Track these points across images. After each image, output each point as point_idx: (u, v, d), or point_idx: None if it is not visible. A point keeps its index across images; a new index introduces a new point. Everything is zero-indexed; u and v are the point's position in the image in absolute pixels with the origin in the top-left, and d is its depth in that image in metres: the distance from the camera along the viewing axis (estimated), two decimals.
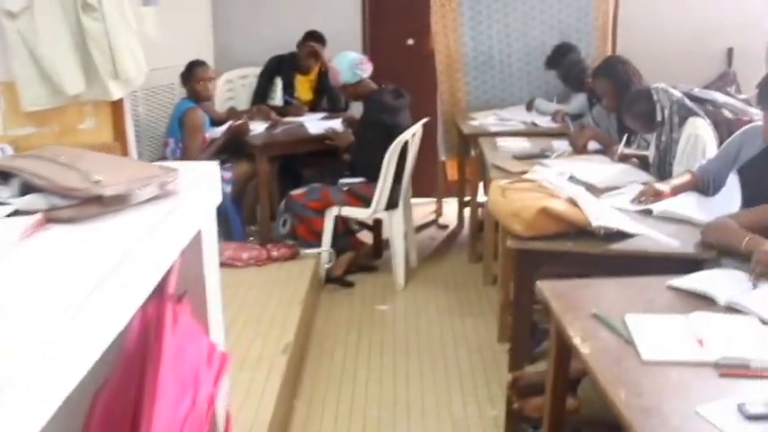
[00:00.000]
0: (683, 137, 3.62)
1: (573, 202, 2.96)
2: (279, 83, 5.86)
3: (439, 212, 6.31)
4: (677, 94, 3.74)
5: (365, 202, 4.79)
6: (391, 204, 4.82)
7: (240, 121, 5.28)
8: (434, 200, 6.43)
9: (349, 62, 4.80)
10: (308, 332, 4.26)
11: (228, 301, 2.46)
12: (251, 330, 3.79)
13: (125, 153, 4.58)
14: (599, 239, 2.86)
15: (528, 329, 3.24)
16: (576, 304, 2.25)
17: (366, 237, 5.45)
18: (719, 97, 4.12)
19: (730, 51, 6.46)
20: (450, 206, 6.29)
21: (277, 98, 5.86)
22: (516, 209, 2.93)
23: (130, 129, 4.59)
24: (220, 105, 5.95)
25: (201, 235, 1.84)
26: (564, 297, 2.30)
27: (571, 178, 3.71)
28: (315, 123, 5.32)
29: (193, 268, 1.80)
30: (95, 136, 4.54)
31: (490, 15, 5.91)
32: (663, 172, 3.70)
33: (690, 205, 3.14)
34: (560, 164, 4.06)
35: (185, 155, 4.92)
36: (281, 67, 5.84)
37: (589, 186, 3.50)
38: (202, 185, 1.81)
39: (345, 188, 4.82)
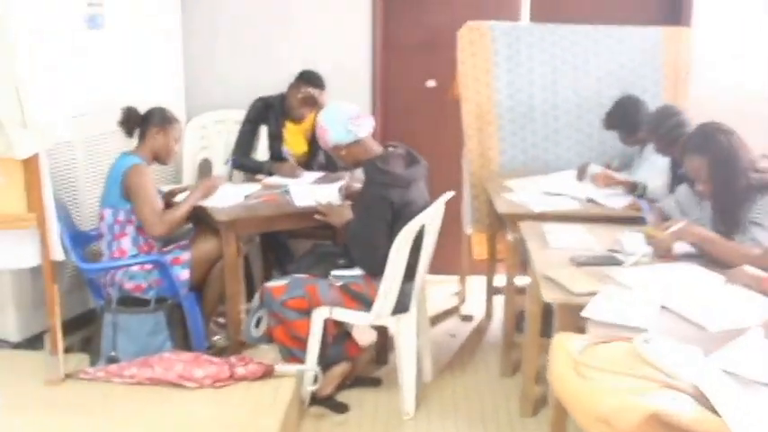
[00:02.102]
0: None
1: (701, 399, 1.72)
2: (264, 132, 4.63)
3: (462, 298, 5.06)
4: None
5: (365, 303, 3.58)
6: (400, 308, 3.58)
7: (214, 176, 4.09)
8: (456, 278, 5.17)
9: (339, 117, 3.59)
10: None
11: None
12: None
13: (42, 228, 3.37)
14: None
15: None
16: None
17: (364, 331, 4.19)
18: None
19: None
20: (475, 287, 5.05)
21: (261, 151, 4.63)
22: (605, 413, 1.71)
23: (48, 196, 3.38)
24: (192, 157, 4.73)
25: None
26: None
27: (664, 310, 2.50)
28: (302, 191, 4.08)
29: None
30: (2, 204, 3.35)
31: (532, 56, 4.71)
32: None
33: None
34: (640, 278, 2.83)
35: (145, 225, 3.74)
36: (267, 113, 4.61)
37: (699, 329, 2.29)
38: None
39: (339, 283, 3.60)
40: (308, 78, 4.52)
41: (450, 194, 3.72)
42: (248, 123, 4.63)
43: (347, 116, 3.59)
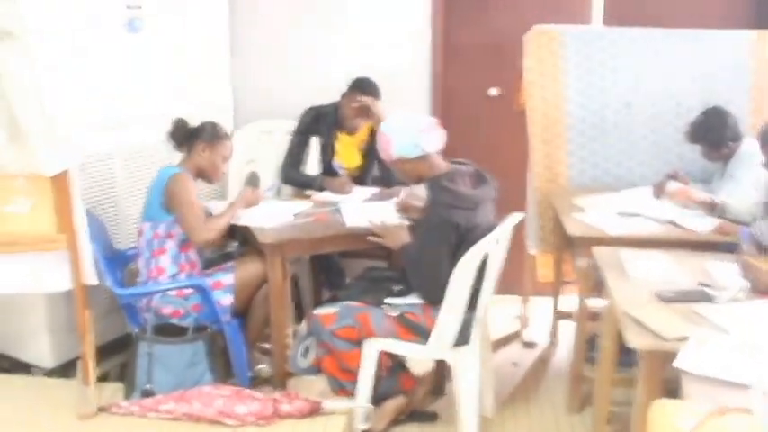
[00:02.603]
0: None
1: None
2: (316, 144, 4.33)
3: (524, 322, 4.70)
4: None
5: (421, 334, 3.25)
6: (460, 340, 3.25)
7: (256, 189, 3.82)
8: (517, 298, 4.81)
9: (407, 127, 3.26)
10: None
11: None
12: None
13: (73, 250, 3.11)
14: None
15: None
16: None
17: (420, 359, 3.84)
18: None
19: None
20: (539, 311, 4.70)
21: (311, 164, 4.33)
22: None
23: (80, 216, 3.12)
24: (238, 170, 4.45)
25: None
26: None
27: None
28: (355, 210, 3.76)
29: None
30: (30, 224, 3.08)
31: (605, 62, 4.34)
32: None
33: None
34: (738, 319, 2.47)
35: (189, 231, 3.48)
36: (319, 124, 4.31)
37: None
38: None
39: (394, 312, 3.28)
40: (363, 86, 4.20)
41: (518, 216, 3.38)
42: (298, 134, 4.33)
43: (416, 128, 3.26)
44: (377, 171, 4.44)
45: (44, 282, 3.26)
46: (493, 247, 3.18)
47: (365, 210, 3.74)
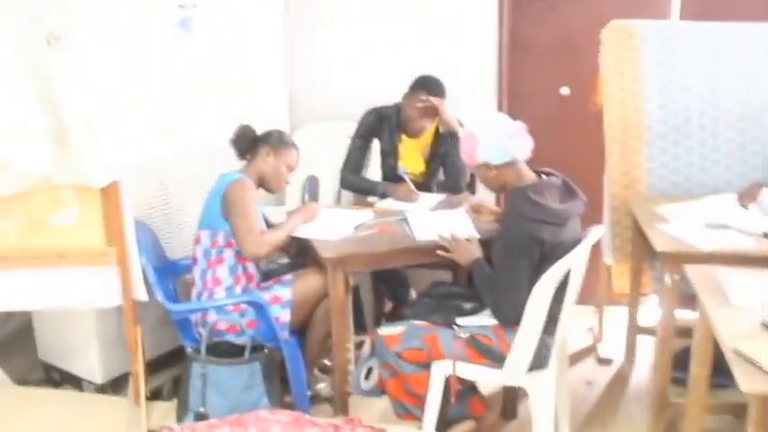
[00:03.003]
0: None
1: None
2: (376, 148, 4.10)
3: (598, 336, 4.41)
4: None
5: (495, 358, 3.00)
6: (537, 364, 3.00)
7: (314, 204, 3.62)
8: (590, 308, 4.53)
9: (497, 130, 3.00)
10: None
11: None
12: None
13: (123, 264, 2.93)
14: None
15: None
16: None
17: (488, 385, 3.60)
18: None
19: None
20: (614, 324, 4.41)
21: (372, 169, 4.10)
22: None
23: (130, 229, 2.93)
24: (296, 175, 4.23)
25: None
26: None
27: None
28: (423, 222, 3.51)
29: None
30: (78, 236, 2.91)
31: (688, 59, 4.03)
32: None
33: None
34: None
35: (241, 242, 3.26)
36: (381, 126, 4.07)
37: None
38: None
39: (464, 334, 3.03)
40: (427, 85, 3.95)
41: (599, 230, 3.11)
42: (359, 137, 4.10)
43: (505, 131, 2.99)
44: (441, 176, 4.19)
45: (93, 297, 3.10)
46: (574, 265, 2.91)
47: (433, 220, 3.50)
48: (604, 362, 4.24)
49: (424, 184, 4.08)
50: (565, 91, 4.76)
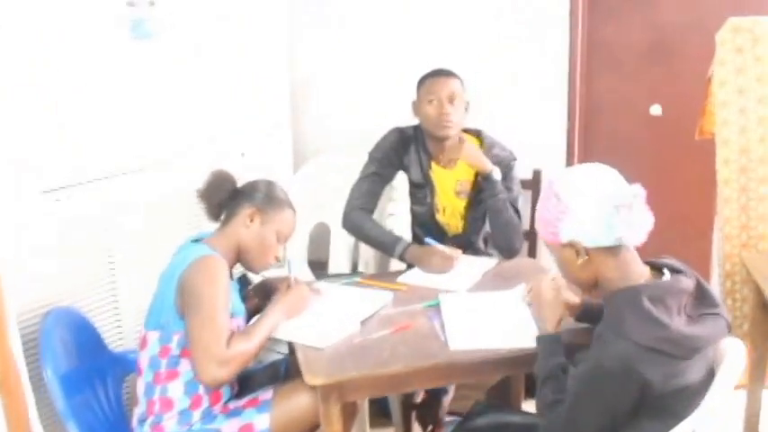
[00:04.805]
0: None
1: None
2: (404, 185, 3.06)
3: None
4: None
5: None
6: None
7: (302, 283, 2.56)
8: None
9: (598, 195, 1.87)
10: None
11: None
12: None
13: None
14: None
15: None
16: None
17: None
18: None
19: None
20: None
21: (398, 215, 3.07)
22: None
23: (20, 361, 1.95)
24: (301, 222, 3.22)
25: None
26: None
27: None
28: (461, 316, 2.41)
29: None
30: None
31: None
32: None
33: None
34: None
35: (197, 359, 2.17)
36: (406, 149, 3.03)
37: None
38: None
39: None
40: (432, 73, 2.97)
41: (740, 347, 2.01)
42: (374, 161, 3.05)
43: (614, 198, 1.89)
44: (487, 226, 3.14)
45: None
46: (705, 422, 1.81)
47: (477, 315, 2.42)
48: None
49: (461, 239, 3.03)
50: (656, 110, 4.00)
